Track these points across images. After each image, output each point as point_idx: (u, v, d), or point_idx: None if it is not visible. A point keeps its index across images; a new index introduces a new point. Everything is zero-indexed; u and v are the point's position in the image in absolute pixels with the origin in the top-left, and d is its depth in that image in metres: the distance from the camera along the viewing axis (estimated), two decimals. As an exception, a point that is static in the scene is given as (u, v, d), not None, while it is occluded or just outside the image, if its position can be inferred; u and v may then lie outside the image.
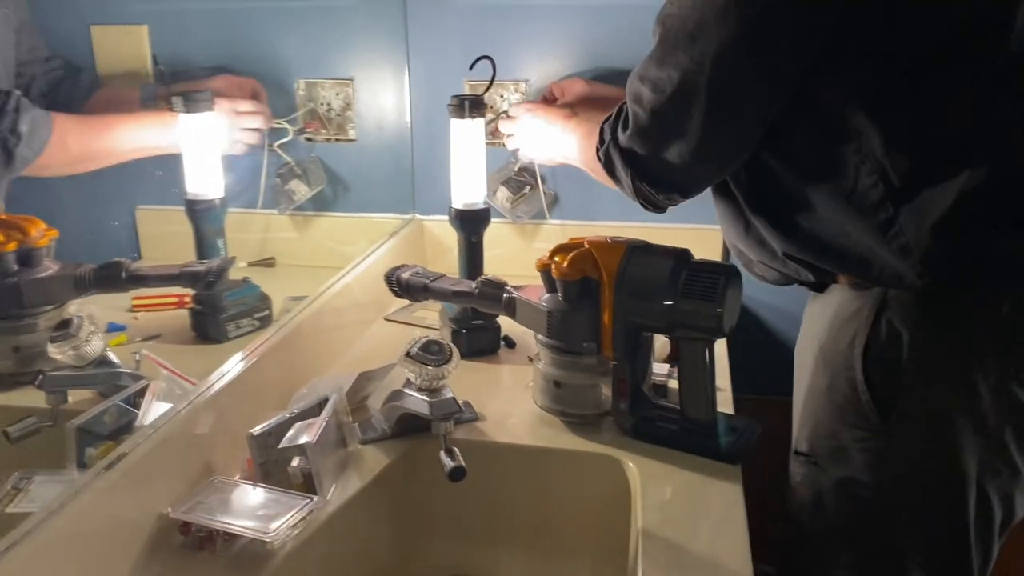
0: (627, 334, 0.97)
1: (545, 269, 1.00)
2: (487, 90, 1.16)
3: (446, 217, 1.59)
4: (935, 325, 0.87)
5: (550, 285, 1.00)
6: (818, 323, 0.96)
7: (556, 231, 1.55)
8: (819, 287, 0.98)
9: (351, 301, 1.31)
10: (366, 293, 1.37)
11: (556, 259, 0.99)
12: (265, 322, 1.31)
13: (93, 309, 1.32)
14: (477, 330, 1.23)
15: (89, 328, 0.99)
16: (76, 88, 1.42)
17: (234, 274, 1.30)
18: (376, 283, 1.38)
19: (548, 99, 1.44)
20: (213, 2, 1.56)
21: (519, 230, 1.58)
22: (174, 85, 1.25)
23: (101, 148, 1.28)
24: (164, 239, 1.62)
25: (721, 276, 0.92)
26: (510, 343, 1.27)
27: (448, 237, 1.61)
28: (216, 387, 0.96)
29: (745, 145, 0.91)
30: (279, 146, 1.54)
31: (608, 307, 0.96)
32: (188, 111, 1.21)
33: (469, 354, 1.22)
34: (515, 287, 1.07)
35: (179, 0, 1.57)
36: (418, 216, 1.64)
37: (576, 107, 1.38)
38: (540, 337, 1.03)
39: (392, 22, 1.54)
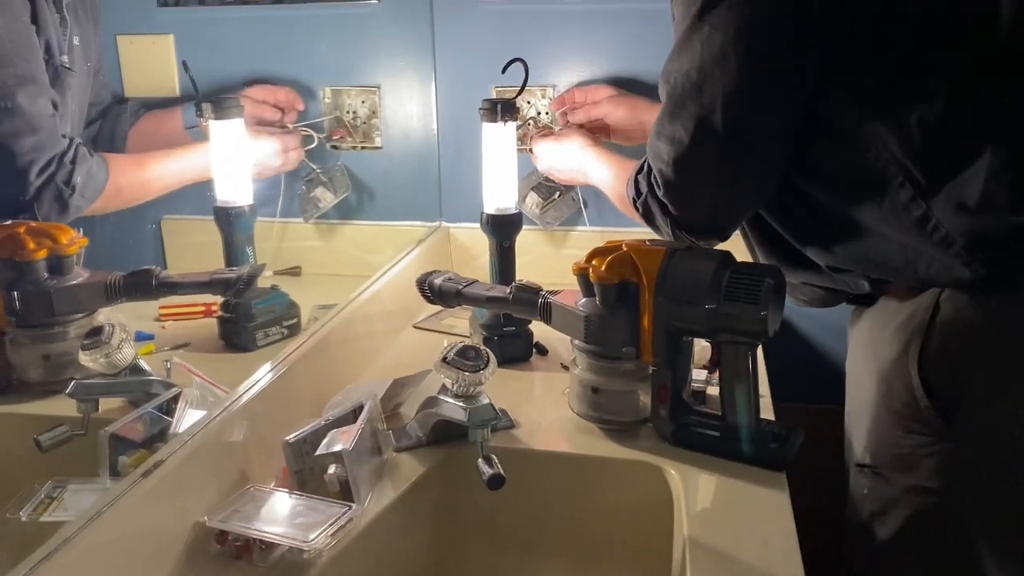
0: (667, 338, 0.95)
1: (582, 273, 0.98)
2: (520, 93, 1.15)
3: (473, 224, 1.58)
4: (993, 323, 0.85)
5: (587, 289, 0.99)
6: (868, 335, 0.96)
7: (586, 237, 1.53)
8: (869, 299, 0.96)
9: (380, 308, 1.30)
10: (395, 301, 1.35)
11: (594, 262, 0.97)
12: (294, 330, 1.30)
13: (121, 318, 1.32)
14: (509, 337, 1.21)
15: (120, 335, 0.98)
16: (121, 115, 1.45)
17: (260, 283, 1.29)
18: (405, 290, 1.36)
19: (567, 101, 1.42)
20: (238, 11, 1.56)
21: (548, 236, 1.56)
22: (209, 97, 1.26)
23: (153, 185, 1.31)
24: (190, 249, 1.62)
25: (766, 278, 0.90)
26: (542, 350, 1.25)
27: (476, 244, 1.60)
28: (249, 395, 0.94)
29: (770, 176, 0.93)
30: (306, 155, 1.53)
31: (648, 311, 0.94)
32: (218, 117, 1.20)
33: (502, 361, 1.20)
34: (550, 291, 1.05)
35: (205, 9, 1.58)
36: (445, 223, 1.63)
37: (601, 105, 1.38)
38: (577, 342, 1.01)
39: (419, 29, 1.53)
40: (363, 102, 1.56)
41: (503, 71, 1.11)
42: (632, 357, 0.97)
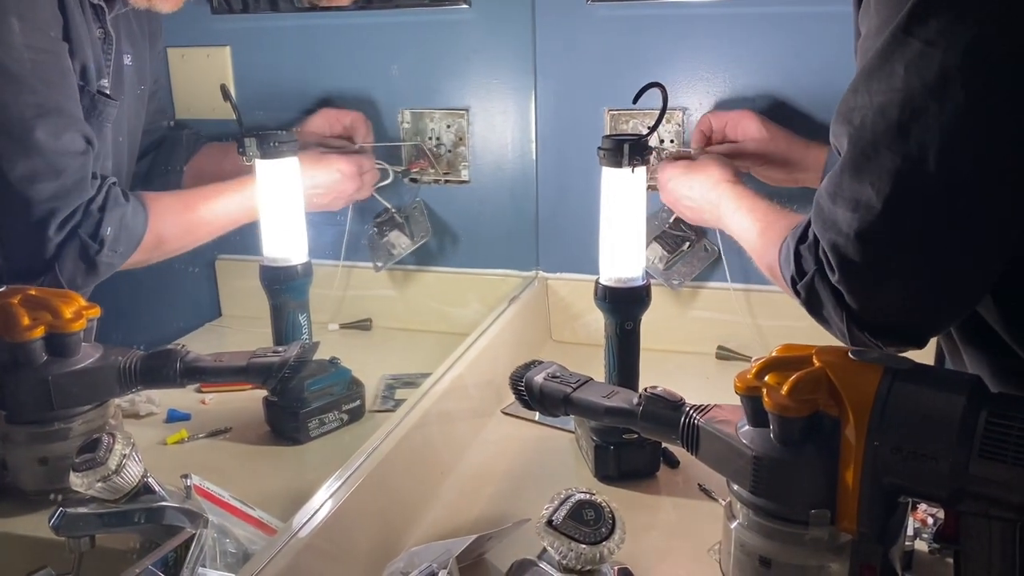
0: (881, 501, 0.64)
1: (751, 395, 0.68)
2: (654, 129, 0.85)
3: (576, 275, 1.31)
4: None
5: (756, 416, 0.69)
6: None
7: (724, 297, 1.22)
8: None
9: (463, 397, 1.03)
10: (480, 379, 1.08)
11: (768, 380, 0.67)
12: (355, 415, 1.07)
13: (152, 394, 1.09)
14: (629, 446, 0.92)
15: (122, 452, 0.75)
16: (177, 146, 1.24)
17: (321, 337, 1.07)
18: (493, 367, 1.10)
19: (706, 133, 1.13)
20: (304, 19, 1.32)
21: (672, 292, 1.26)
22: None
23: (204, 229, 1.09)
24: (246, 294, 1.40)
25: (1049, 427, 0.58)
26: (672, 461, 0.95)
27: (579, 300, 1.32)
28: (282, 555, 0.68)
29: (1000, 257, 0.65)
30: (378, 190, 1.28)
31: (855, 461, 0.64)
32: (264, 156, 0.95)
33: (618, 477, 0.92)
34: (697, 407, 0.75)
35: (267, 17, 1.35)
36: (543, 273, 1.35)
37: (746, 158, 1.09)
38: (737, 488, 0.71)
39: (517, 40, 1.26)
40: (448, 127, 1.30)
41: (635, 100, 0.82)
42: (825, 522, 0.66)
